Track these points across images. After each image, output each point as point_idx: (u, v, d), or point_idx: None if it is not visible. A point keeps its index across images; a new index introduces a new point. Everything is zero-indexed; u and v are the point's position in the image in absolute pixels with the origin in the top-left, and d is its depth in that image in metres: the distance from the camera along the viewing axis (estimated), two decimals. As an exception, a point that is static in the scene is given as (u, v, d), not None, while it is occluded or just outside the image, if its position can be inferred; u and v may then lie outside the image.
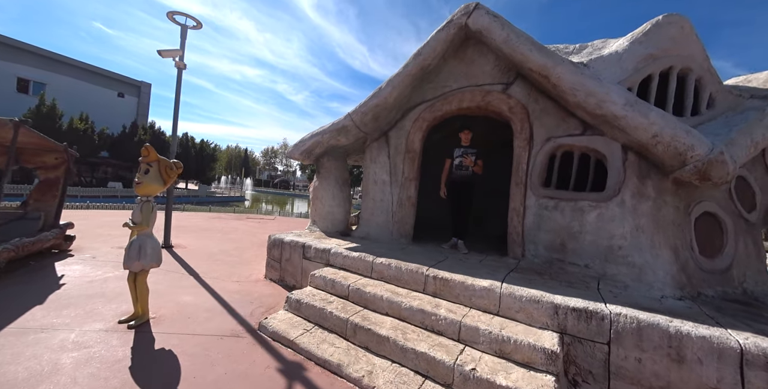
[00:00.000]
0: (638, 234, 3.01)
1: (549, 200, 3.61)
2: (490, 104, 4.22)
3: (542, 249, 3.59)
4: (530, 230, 3.73)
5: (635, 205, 3.07)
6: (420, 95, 4.75)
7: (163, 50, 5.35)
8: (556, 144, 3.67)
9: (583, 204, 3.34)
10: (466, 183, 4.37)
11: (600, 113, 3.18)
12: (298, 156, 5.12)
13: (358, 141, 5.17)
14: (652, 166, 3.13)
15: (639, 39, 3.61)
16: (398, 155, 4.80)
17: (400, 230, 4.67)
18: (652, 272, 2.87)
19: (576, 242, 3.32)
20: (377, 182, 4.91)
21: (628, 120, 3.00)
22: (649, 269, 2.88)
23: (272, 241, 4.55)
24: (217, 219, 11.61)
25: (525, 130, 3.93)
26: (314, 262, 3.99)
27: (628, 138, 3.14)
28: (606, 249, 3.11)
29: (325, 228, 5.14)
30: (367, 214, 4.96)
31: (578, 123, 3.58)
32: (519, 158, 3.94)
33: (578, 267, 3.26)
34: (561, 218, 3.47)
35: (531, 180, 3.80)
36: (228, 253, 5.97)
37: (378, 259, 3.50)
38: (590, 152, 3.55)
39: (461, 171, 4.39)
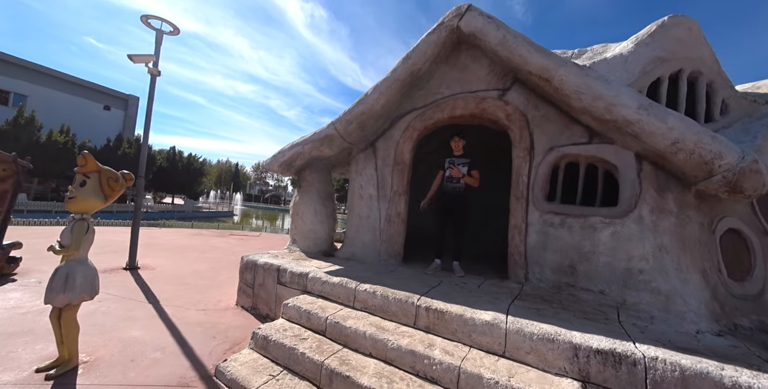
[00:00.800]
0: (662, 255, 2.60)
1: (554, 216, 3.21)
2: (485, 112, 3.89)
3: (549, 272, 3.15)
4: (534, 249, 3.30)
5: (655, 221, 2.69)
6: (410, 103, 4.40)
7: (135, 55, 4.95)
8: (559, 154, 3.32)
9: (594, 221, 2.95)
10: (458, 197, 3.88)
11: (610, 119, 2.84)
12: (276, 168, 4.67)
13: (343, 152, 4.76)
14: (672, 177, 2.78)
15: (644, 41, 3.35)
16: (386, 167, 4.40)
17: (389, 250, 4.20)
18: (682, 301, 2.44)
19: (588, 264, 2.90)
20: (363, 197, 4.47)
21: (642, 125, 2.66)
22: (678, 297, 2.46)
23: (245, 263, 4.02)
24: (197, 236, 10.96)
25: (524, 139, 3.58)
26: (290, 288, 3.47)
27: (642, 146, 2.79)
28: (624, 273, 2.70)
29: (306, 248, 4.63)
30: (352, 232, 4.49)
31: (584, 130, 3.25)
32: (519, 170, 3.56)
33: (592, 294, 2.82)
34: (569, 236, 3.06)
35: (533, 194, 3.41)
36: (200, 275, 5.39)
37: (361, 286, 3.00)
38: (598, 162, 3.20)
39: (452, 184, 3.91)
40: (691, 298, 2.44)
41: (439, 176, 4.16)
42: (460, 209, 3.89)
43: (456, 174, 3.80)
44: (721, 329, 2.34)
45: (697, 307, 2.40)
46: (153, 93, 5.48)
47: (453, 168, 3.82)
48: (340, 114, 4.31)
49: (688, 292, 2.47)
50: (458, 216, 3.91)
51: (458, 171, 3.79)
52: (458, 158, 3.99)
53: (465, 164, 3.91)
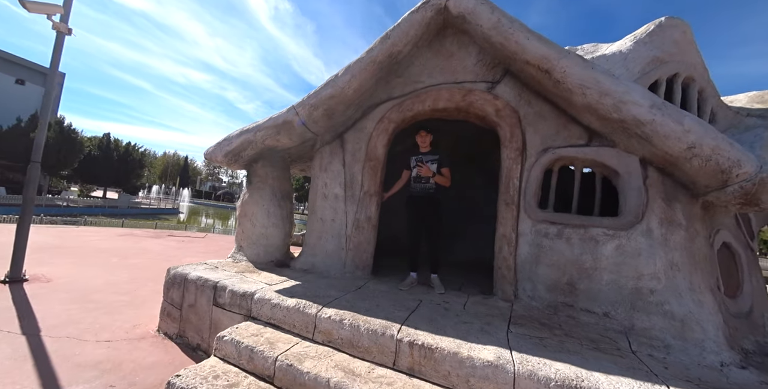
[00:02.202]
0: (674, 274, 2.31)
1: (550, 225, 2.83)
2: (472, 106, 3.44)
3: (542, 290, 2.76)
4: (525, 263, 2.90)
5: (665, 235, 2.39)
6: (386, 91, 3.84)
7: (30, 2, 3.78)
8: (554, 156, 2.96)
9: (596, 232, 2.60)
10: (430, 200, 3.40)
11: (617, 118, 2.51)
12: (221, 159, 3.83)
13: (305, 144, 4.05)
14: (679, 186, 2.51)
15: (643, 39, 3.14)
16: (356, 163, 3.78)
17: (356, 261, 3.57)
18: (699, 328, 2.15)
19: (589, 281, 2.54)
20: (328, 197, 3.80)
21: (656, 126, 2.35)
22: (695, 323, 2.16)
23: (171, 277, 3.14)
24: (127, 237, 9.38)
25: (516, 138, 3.19)
26: (229, 312, 2.69)
27: (651, 150, 2.50)
28: (633, 293, 2.36)
29: (254, 257, 3.83)
30: (313, 238, 3.80)
31: (582, 131, 2.92)
32: (509, 172, 3.15)
33: (594, 316, 2.46)
34: (567, 249, 2.69)
35: (525, 200, 3.02)
36: (116, 288, 4.30)
37: (325, 311, 2.35)
38: (596, 167, 2.89)
39: (421, 184, 3.44)
40: (708, 324, 2.15)
41: (405, 176, 3.67)
42: (432, 214, 3.41)
43: (425, 173, 3.32)
44: (743, 359, 2.06)
45: (715, 334, 2.12)
46: (59, 57, 4.29)
47: (422, 166, 3.33)
48: (303, 97, 3.61)
49: (705, 316, 2.18)
50: (432, 222, 3.42)
51: (428, 170, 3.31)
52: (426, 154, 3.50)
53: (434, 161, 3.43)
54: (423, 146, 3.54)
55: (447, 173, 3.42)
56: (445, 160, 3.44)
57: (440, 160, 3.43)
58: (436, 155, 3.47)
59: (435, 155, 3.47)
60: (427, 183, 3.42)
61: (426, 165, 3.34)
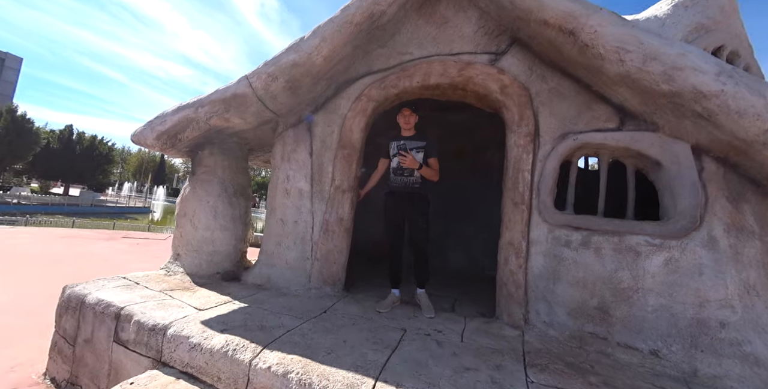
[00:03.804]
0: (752, 301, 1.71)
1: (572, 231, 2.19)
2: (471, 82, 2.78)
3: (563, 315, 2.11)
4: (540, 279, 2.25)
5: (735, 246, 1.79)
6: (365, 63, 3.12)
7: None
8: (576, 143, 2.33)
9: (635, 241, 1.98)
10: (412, 197, 2.69)
11: (668, 91, 1.90)
12: (152, 142, 2.99)
13: (264, 127, 3.28)
14: (746, 181, 1.93)
15: (684, 3, 2.56)
16: (326, 152, 3.04)
17: (324, 274, 2.83)
18: (792, 378, 1.55)
19: (629, 307, 1.91)
20: (290, 193, 3.04)
21: (726, 100, 1.75)
22: (785, 371, 1.56)
23: (66, 298, 2.30)
24: (69, 239, 8.21)
25: (526, 121, 2.54)
26: (134, 352, 1.89)
27: (711, 134, 1.90)
28: (693, 325, 1.75)
29: (194, 268, 3.01)
30: (270, 245, 3.03)
31: (612, 112, 2.30)
32: (518, 164, 2.50)
33: (638, 355, 1.83)
34: (597, 262, 2.05)
35: (539, 199, 2.37)
36: (20, 307, 3.37)
37: (265, 357, 1.59)
38: (629, 157, 2.28)
39: (403, 177, 2.72)
40: (804, 372, 1.56)
41: (382, 167, 2.94)
42: (417, 215, 2.68)
43: (410, 164, 2.58)
44: None
45: (814, 387, 1.53)
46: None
47: (405, 156, 2.59)
48: (259, 65, 2.84)
49: (797, 361, 1.58)
50: (416, 225, 2.68)
51: (413, 160, 2.58)
52: (409, 140, 2.75)
53: (419, 148, 2.70)
54: (406, 128, 2.79)
55: (435, 164, 2.71)
56: (433, 148, 2.73)
57: (427, 148, 2.71)
58: (423, 141, 2.73)
59: (421, 142, 2.73)
60: (410, 176, 2.70)
61: (410, 154, 2.61)
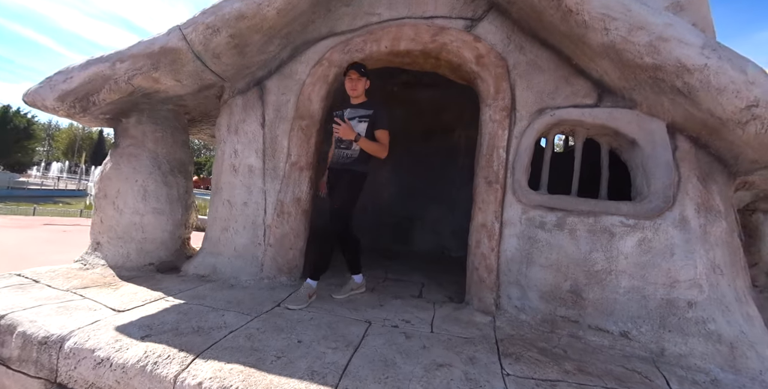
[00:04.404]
0: (717, 279, 1.71)
1: (546, 212, 2.09)
2: (444, 49, 2.52)
3: (535, 298, 2.03)
4: (512, 262, 2.14)
5: (705, 226, 1.78)
6: (327, 23, 2.72)
7: None
8: (553, 119, 2.20)
9: (610, 222, 1.91)
10: (344, 174, 2.28)
11: (651, 64, 1.79)
12: (53, 103, 2.37)
13: (206, 92, 2.78)
14: (714, 161, 1.91)
15: (660, -25, 2.47)
16: (281, 123, 2.65)
17: (279, 261, 2.52)
18: (754, 353, 1.58)
19: (602, 289, 1.86)
20: (238, 170, 2.63)
21: (708, 75, 1.67)
22: (748, 347, 1.59)
23: (-69, 302, 1.75)
24: (-32, 226, 6.91)
25: (503, 94, 2.36)
26: (19, 373, 1.47)
27: (687, 112, 1.84)
28: (663, 306, 1.73)
29: (120, 259, 2.53)
30: (216, 230, 2.63)
31: (590, 87, 2.19)
32: (493, 140, 2.33)
33: (608, 337, 1.79)
34: (571, 244, 1.97)
35: (513, 178, 2.24)
36: None
37: (196, 369, 1.28)
38: (605, 135, 2.20)
39: (339, 150, 2.32)
40: (765, 348, 1.59)
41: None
42: (345, 195, 2.25)
43: (344, 135, 2.15)
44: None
45: (771, 362, 1.57)
46: None
47: (341, 126, 2.14)
48: (195, 13, 2.33)
49: (759, 337, 1.62)
50: (338, 203, 2.25)
51: (347, 129, 2.13)
52: (356, 108, 2.33)
53: (364, 118, 2.28)
54: (353, 94, 2.31)
55: (384, 137, 2.25)
56: (381, 118, 2.28)
57: (374, 118, 2.27)
58: (370, 109, 2.29)
59: (367, 110, 2.30)
60: (346, 150, 2.29)
61: (346, 123, 2.16)
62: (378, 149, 2.23)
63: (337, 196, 2.26)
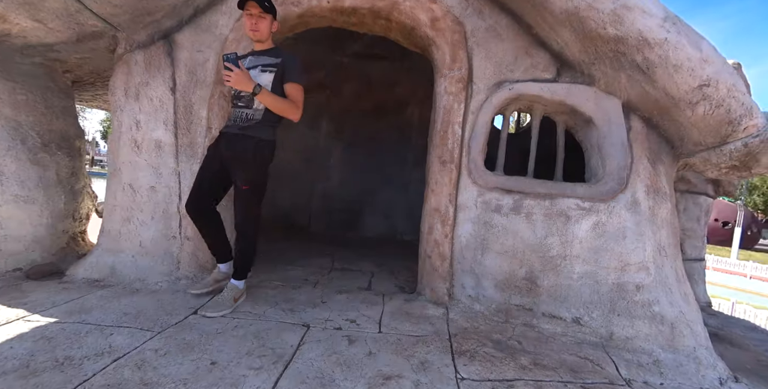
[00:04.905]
0: (663, 261, 1.71)
1: (504, 195, 1.95)
2: (396, 9, 2.18)
3: (490, 287, 1.92)
4: (467, 249, 1.99)
5: (653, 208, 1.76)
6: (254, -37, 2.19)
7: None
8: (512, 94, 2.02)
9: (566, 205, 1.82)
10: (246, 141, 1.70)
11: (614, 35, 1.66)
12: None
13: (92, 43, 2.13)
14: (663, 142, 1.90)
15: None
16: (198, 88, 2.14)
17: (202, 257, 2.10)
18: (689, 330, 1.61)
19: (556, 275, 1.79)
20: (142, 147, 2.09)
21: (667, 50, 1.58)
22: (684, 326, 1.62)
23: None
24: None
25: (459, 63, 2.12)
26: None
27: (643, 90, 1.77)
28: (614, 290, 1.70)
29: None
30: (114, 222, 2.09)
31: (549, 60, 2.04)
32: (448, 115, 2.10)
33: (561, 323, 1.74)
34: (527, 229, 1.86)
35: (470, 157, 2.05)
36: None
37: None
38: (562, 113, 2.09)
39: (237, 109, 1.75)
40: (697, 324, 1.64)
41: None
42: (240, 172, 1.72)
43: (236, 84, 1.55)
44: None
45: (705, 337, 1.63)
46: None
47: (233, 73, 1.51)
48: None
49: (693, 314, 1.66)
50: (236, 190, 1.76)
51: (242, 78, 1.53)
52: (258, 55, 1.74)
53: (269, 68, 1.69)
54: (255, 36, 1.70)
55: (296, 93, 1.70)
56: (292, 69, 1.70)
57: (283, 67, 1.68)
58: (278, 57, 1.71)
59: (275, 58, 1.71)
60: (247, 109, 1.70)
61: (241, 69, 1.53)
62: (288, 108, 1.67)
63: (242, 174, 1.70)
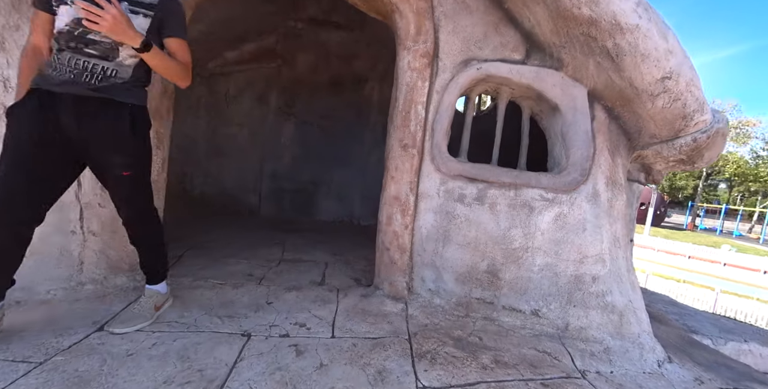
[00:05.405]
0: (617, 253, 1.74)
1: (467, 183, 1.83)
2: (355, -36, 1.86)
3: (451, 281, 1.83)
4: (428, 241, 1.87)
5: (611, 200, 1.77)
6: None
7: None
8: (479, 74, 1.87)
9: (530, 196, 1.76)
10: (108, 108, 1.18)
11: (588, 16, 1.55)
12: None
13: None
14: (621, 133, 1.90)
15: None
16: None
17: (113, 255, 1.72)
18: (635, 318, 1.68)
19: (518, 268, 1.74)
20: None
21: (637, 38, 1.52)
22: (631, 313, 1.68)
23: None
24: None
25: (425, 36, 1.89)
26: None
27: (609, 79, 1.71)
28: (572, 282, 1.70)
29: None
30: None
31: (519, 39, 1.90)
32: (411, 94, 1.90)
33: (521, 316, 1.72)
34: (491, 220, 1.78)
35: (433, 141, 1.88)
36: None
37: None
38: (528, 98, 1.99)
39: (86, 58, 1.14)
40: (641, 311, 1.72)
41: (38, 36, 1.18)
42: (113, 148, 1.21)
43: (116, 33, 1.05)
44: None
45: (647, 322, 1.71)
46: None
47: (104, 11, 0.99)
48: None
49: (638, 302, 1.73)
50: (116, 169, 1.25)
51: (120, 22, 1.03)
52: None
53: (143, 10, 1.17)
54: None
55: (185, 53, 1.28)
56: (176, 19, 1.26)
57: (163, 14, 1.21)
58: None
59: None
60: (104, 60, 1.16)
61: (115, 6, 1.03)
62: (180, 72, 1.26)
63: (118, 157, 1.22)
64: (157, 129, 1.67)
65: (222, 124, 4.06)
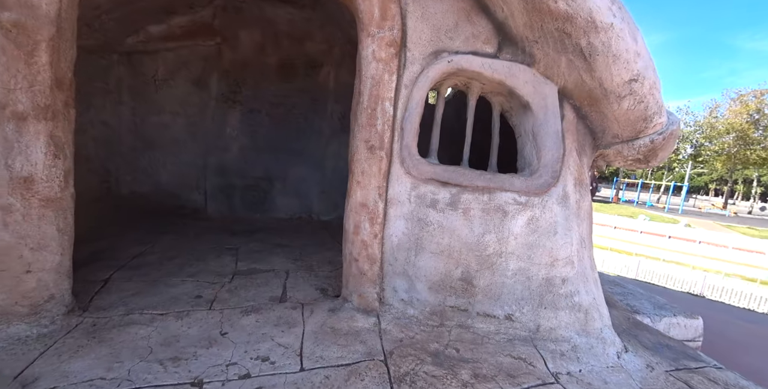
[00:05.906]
0: (583, 253, 1.77)
1: (440, 188, 1.72)
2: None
3: (424, 290, 1.75)
4: (399, 250, 1.76)
5: (579, 201, 1.78)
6: None
7: None
8: (450, 67, 1.72)
9: (503, 200, 1.70)
10: None
11: (564, 11, 1.46)
12: None
13: None
14: (588, 134, 1.90)
15: None
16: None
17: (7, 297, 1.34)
18: (598, 313, 1.75)
19: (492, 274, 1.70)
20: None
21: (611, 37, 1.47)
22: (595, 310, 1.75)
23: None
24: None
25: (391, 22, 1.68)
26: None
27: (579, 78, 1.67)
28: (543, 285, 1.70)
29: None
30: None
31: (492, 31, 1.77)
32: (377, 88, 1.70)
33: (495, 322, 1.70)
34: (465, 226, 1.70)
35: (402, 142, 1.73)
36: None
37: None
38: (499, 95, 1.90)
39: None
40: (603, 306, 1.79)
41: None
42: None
43: None
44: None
45: (608, 316, 1.79)
46: None
47: None
48: None
49: (601, 299, 1.80)
50: None
51: None
52: None
53: None
54: None
55: None
56: None
57: None
58: None
59: None
60: None
61: None
62: None
63: None
64: (52, 133, 1.29)
65: (151, 111, 3.48)
